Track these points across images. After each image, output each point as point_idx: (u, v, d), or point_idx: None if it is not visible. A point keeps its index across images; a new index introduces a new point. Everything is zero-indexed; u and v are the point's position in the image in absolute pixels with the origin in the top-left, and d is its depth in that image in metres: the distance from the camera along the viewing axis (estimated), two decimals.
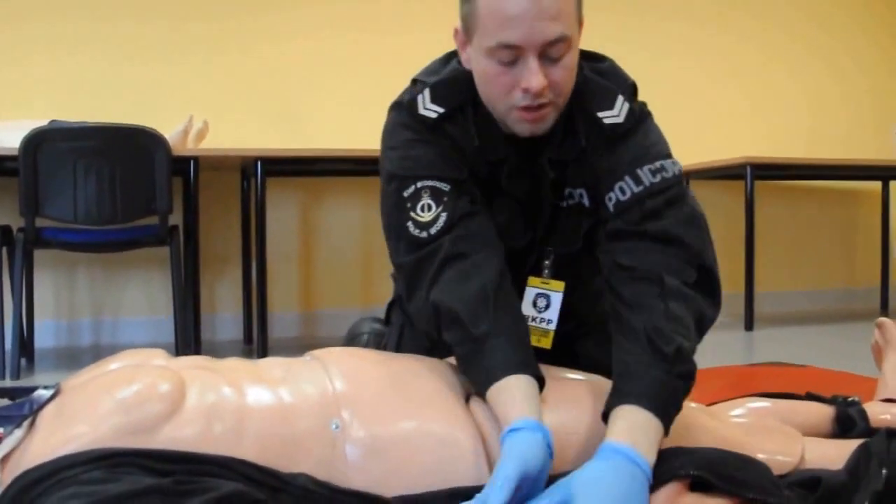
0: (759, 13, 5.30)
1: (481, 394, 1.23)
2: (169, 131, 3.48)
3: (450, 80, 1.49)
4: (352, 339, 2.03)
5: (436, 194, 1.40)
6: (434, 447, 1.11)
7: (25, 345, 3.48)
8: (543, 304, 1.54)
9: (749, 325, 4.31)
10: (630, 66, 1.60)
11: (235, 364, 1.23)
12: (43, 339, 3.84)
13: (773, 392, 1.74)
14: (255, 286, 3.62)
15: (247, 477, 1.00)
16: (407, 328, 1.77)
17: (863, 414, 1.65)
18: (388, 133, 1.52)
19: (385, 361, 1.26)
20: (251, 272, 3.99)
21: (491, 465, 1.12)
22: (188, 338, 3.42)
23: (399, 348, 1.75)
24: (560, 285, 1.54)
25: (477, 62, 1.37)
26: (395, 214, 1.43)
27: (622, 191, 1.41)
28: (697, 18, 5.07)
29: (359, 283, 4.40)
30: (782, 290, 5.30)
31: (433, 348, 1.51)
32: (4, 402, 1.11)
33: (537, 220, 1.53)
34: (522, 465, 1.05)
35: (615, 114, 1.45)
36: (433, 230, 1.38)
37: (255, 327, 3.65)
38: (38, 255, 3.66)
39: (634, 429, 1.15)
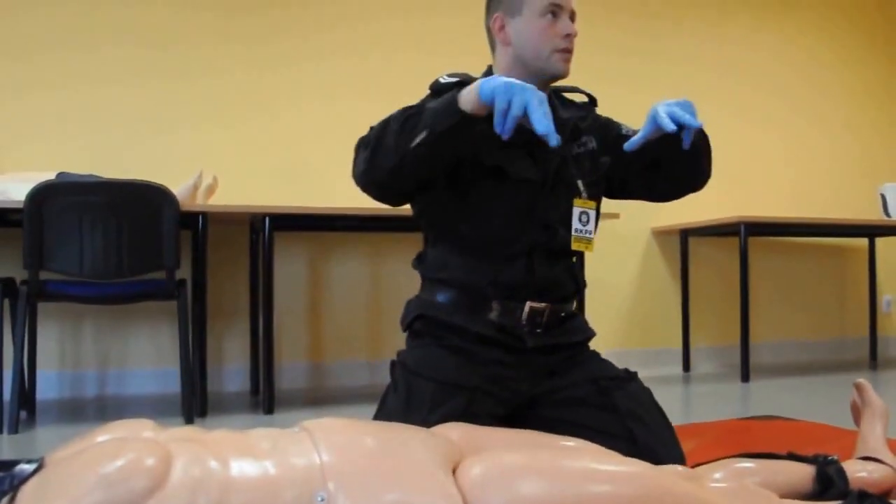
0: (751, 78, 5.47)
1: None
2: (179, 186, 3.55)
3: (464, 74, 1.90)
4: None
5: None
6: None
7: (27, 397, 3.47)
8: (585, 219, 1.96)
9: (745, 377, 4.40)
10: None
11: (223, 436, 1.22)
12: (46, 390, 3.84)
13: (756, 452, 1.82)
14: (262, 338, 3.65)
15: None
16: (401, 386, 1.86)
17: (841, 472, 1.72)
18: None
19: (374, 432, 1.27)
20: (258, 324, 4.01)
21: None
22: (194, 389, 3.42)
23: (385, 400, 1.89)
24: (592, 204, 1.98)
25: (527, 26, 1.88)
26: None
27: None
28: (693, 86, 5.21)
29: (365, 336, 4.46)
30: (777, 340, 5.41)
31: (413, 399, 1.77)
32: None
33: (548, 159, 1.91)
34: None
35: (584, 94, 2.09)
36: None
37: (262, 378, 3.66)
38: (44, 304, 3.65)
39: None
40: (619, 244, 4.99)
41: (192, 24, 4.24)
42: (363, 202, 4.16)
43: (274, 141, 4.33)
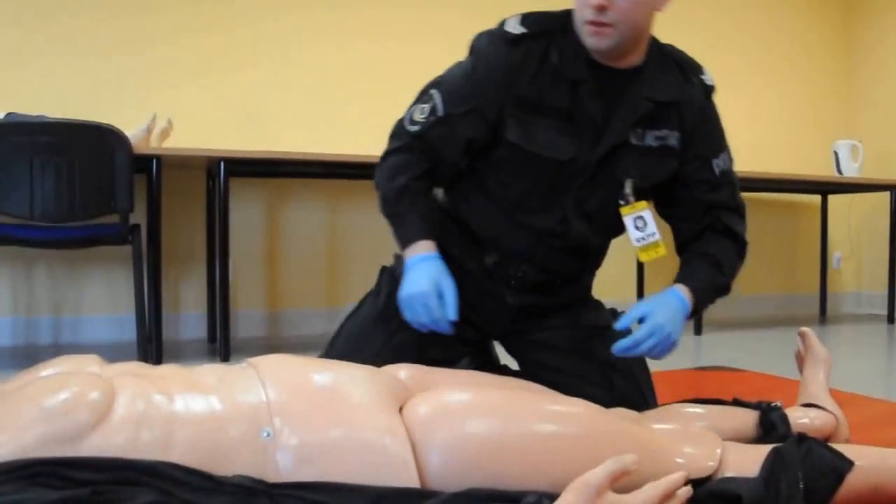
0: (708, 35, 5.46)
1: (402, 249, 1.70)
2: (133, 129, 3.48)
3: (543, 13, 1.73)
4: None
5: (433, 111, 1.71)
6: (362, 454, 1.12)
7: None
8: (642, 223, 1.78)
9: (698, 330, 4.47)
10: None
11: (169, 371, 1.21)
12: None
13: (703, 398, 1.86)
14: (219, 285, 3.62)
15: (176, 480, 1.00)
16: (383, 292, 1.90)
17: (783, 418, 1.76)
18: (473, 49, 1.74)
19: (321, 369, 1.27)
20: (215, 271, 3.95)
21: (419, 471, 1.15)
22: (150, 336, 3.39)
23: (363, 303, 1.96)
24: (644, 204, 1.78)
25: None
26: (417, 98, 1.77)
27: (724, 162, 1.90)
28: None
29: (323, 283, 4.45)
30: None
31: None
32: None
33: (588, 140, 1.71)
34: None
35: (709, 78, 1.88)
36: (413, 129, 1.73)
37: (219, 326, 3.63)
38: None
39: (689, 292, 1.74)
40: None
41: None
42: (321, 147, 4.17)
43: (232, 86, 4.26)
